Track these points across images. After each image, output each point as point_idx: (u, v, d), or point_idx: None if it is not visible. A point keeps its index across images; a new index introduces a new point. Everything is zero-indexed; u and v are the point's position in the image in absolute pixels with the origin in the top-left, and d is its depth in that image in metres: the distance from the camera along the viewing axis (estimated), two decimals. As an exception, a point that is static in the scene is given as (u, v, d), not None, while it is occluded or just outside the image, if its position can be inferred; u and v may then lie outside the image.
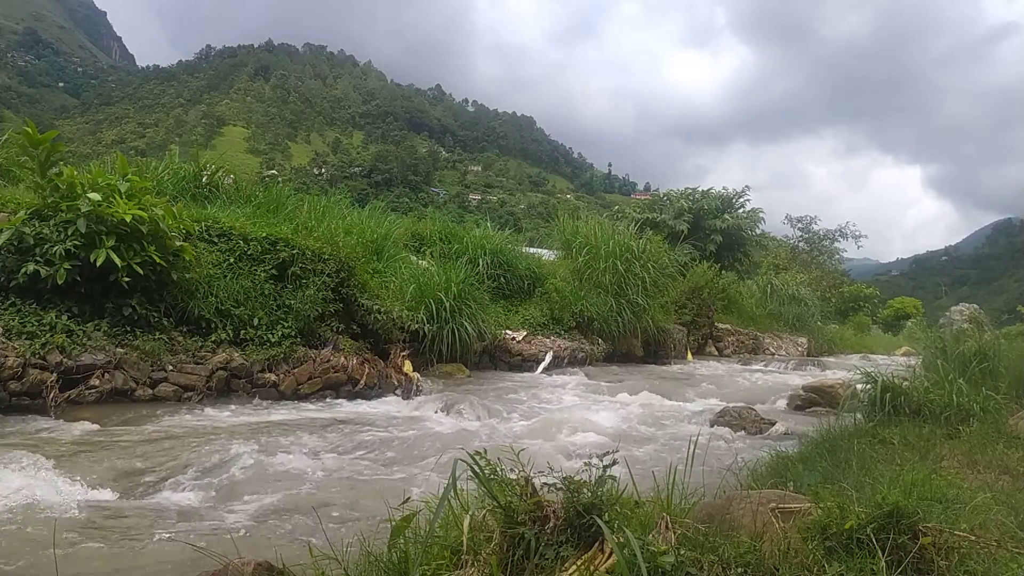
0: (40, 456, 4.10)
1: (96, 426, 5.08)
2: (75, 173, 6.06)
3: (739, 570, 1.78)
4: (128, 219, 5.76)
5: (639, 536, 1.77)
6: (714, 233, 24.01)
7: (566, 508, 1.90)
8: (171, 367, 6.14)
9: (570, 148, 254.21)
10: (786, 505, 2.08)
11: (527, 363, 10.27)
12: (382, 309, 8.04)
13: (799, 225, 34.05)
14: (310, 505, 3.51)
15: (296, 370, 6.93)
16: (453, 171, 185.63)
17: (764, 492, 2.27)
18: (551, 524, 1.88)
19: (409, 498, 2.21)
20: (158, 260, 6.09)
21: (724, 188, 26.41)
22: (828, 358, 16.59)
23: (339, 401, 6.95)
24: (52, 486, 3.63)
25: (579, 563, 1.80)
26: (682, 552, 1.78)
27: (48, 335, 5.53)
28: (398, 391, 7.54)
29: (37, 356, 5.40)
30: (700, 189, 26.61)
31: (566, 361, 10.79)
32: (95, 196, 5.71)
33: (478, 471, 1.98)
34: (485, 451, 2.07)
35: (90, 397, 5.58)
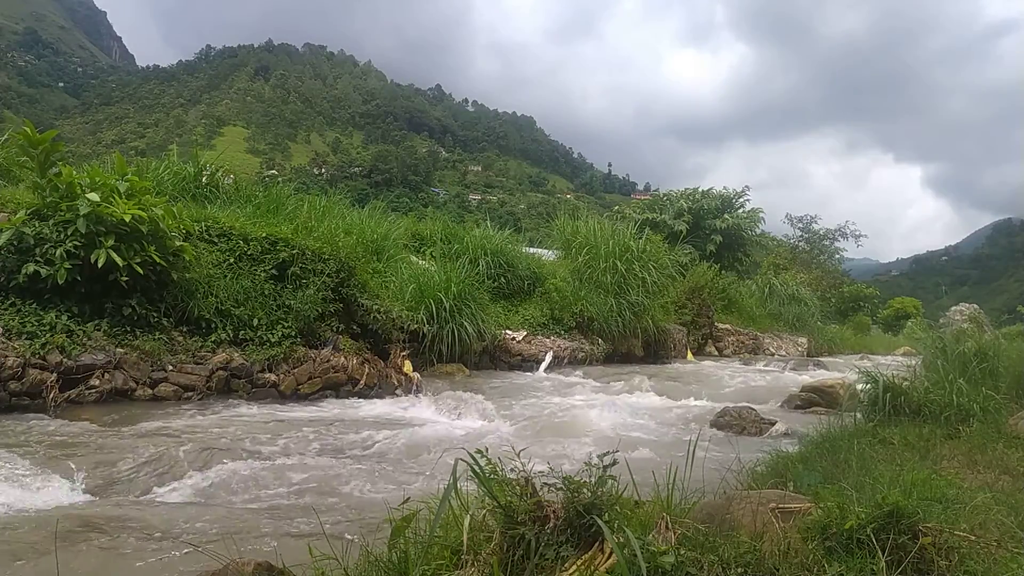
0: (40, 456, 4.11)
1: (96, 426, 5.07)
2: (74, 173, 6.06)
3: (739, 570, 1.78)
4: (128, 219, 5.76)
5: (639, 536, 1.77)
6: (714, 233, 24.00)
7: (566, 508, 1.89)
8: (171, 367, 6.14)
9: (570, 148, 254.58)
10: (786, 505, 2.08)
11: (527, 363, 10.26)
12: (382, 309, 8.04)
13: (799, 225, 34.01)
14: (310, 505, 3.52)
15: (296, 370, 6.93)
16: (453, 171, 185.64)
17: (764, 492, 2.27)
18: (551, 524, 1.88)
19: (409, 498, 2.21)
20: (158, 260, 6.09)
21: (724, 188, 26.40)
22: (828, 358, 16.57)
23: (339, 401, 6.95)
24: (52, 486, 3.63)
25: (579, 563, 1.80)
26: (682, 552, 1.78)
27: (48, 335, 5.53)
28: (398, 391, 7.54)
29: (37, 356, 5.40)
30: (700, 189, 26.61)
31: (566, 361, 10.79)
32: (94, 196, 5.71)
33: (478, 471, 1.98)
34: (486, 450, 2.07)
35: (90, 397, 5.58)
